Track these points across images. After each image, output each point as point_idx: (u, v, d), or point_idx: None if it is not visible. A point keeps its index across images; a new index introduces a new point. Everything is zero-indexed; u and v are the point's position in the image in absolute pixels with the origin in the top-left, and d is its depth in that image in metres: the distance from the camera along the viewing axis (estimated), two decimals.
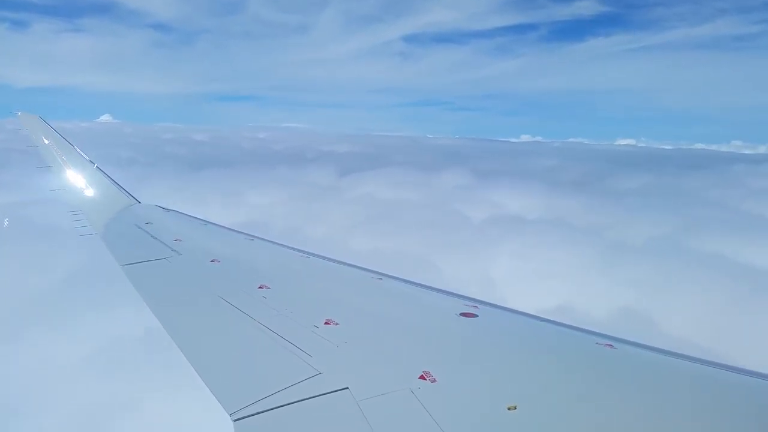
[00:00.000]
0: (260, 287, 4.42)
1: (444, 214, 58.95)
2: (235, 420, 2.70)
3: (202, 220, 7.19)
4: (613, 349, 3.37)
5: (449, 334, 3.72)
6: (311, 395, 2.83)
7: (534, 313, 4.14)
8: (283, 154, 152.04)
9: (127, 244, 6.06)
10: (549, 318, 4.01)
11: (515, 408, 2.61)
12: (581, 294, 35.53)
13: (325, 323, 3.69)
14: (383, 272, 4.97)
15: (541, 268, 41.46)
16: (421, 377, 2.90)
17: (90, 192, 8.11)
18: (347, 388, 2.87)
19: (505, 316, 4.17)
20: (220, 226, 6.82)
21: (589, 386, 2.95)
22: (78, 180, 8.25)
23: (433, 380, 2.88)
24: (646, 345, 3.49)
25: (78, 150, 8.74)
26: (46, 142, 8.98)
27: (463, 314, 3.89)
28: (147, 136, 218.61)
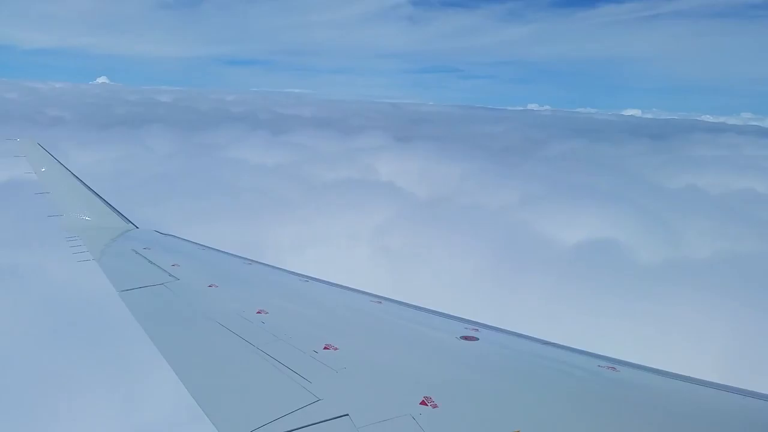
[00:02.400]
0: (258, 312, 4.33)
1: (287, 177, 55.55)
2: None
3: (200, 244, 7.06)
4: (616, 372, 3.29)
5: (450, 358, 3.64)
6: (311, 422, 2.77)
7: (535, 336, 3.95)
8: (226, 117, 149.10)
9: (125, 270, 5.94)
10: (551, 341, 3.86)
11: None
12: (332, 256, 32.92)
13: (325, 348, 3.60)
14: (381, 295, 4.84)
15: (317, 231, 38.41)
16: (423, 403, 2.84)
17: (87, 218, 7.95)
18: (347, 414, 2.82)
19: (507, 339, 4.03)
20: (218, 250, 6.67)
21: (592, 410, 2.87)
22: (75, 206, 8.12)
23: (435, 406, 2.82)
24: (648, 367, 3.36)
25: (76, 175, 8.69)
26: (43, 169, 8.98)
27: (464, 338, 3.80)
28: (110, 98, 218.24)
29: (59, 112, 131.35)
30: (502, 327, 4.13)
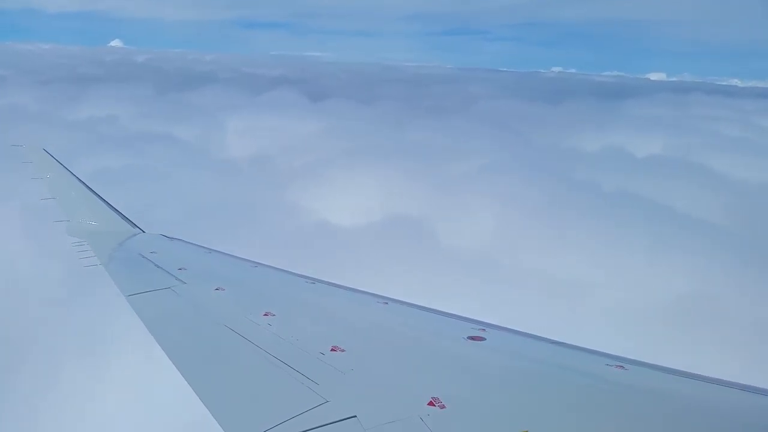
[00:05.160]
0: (265, 315, 4.34)
1: (86, 130, 52.98)
2: None
3: (206, 248, 7.00)
4: (624, 370, 3.29)
5: (457, 359, 3.64)
6: (318, 424, 2.78)
7: (542, 335, 3.92)
8: (176, 75, 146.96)
9: (132, 274, 5.95)
10: (558, 340, 3.81)
11: None
12: None
13: (332, 350, 3.61)
14: (388, 296, 4.81)
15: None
16: (430, 404, 2.83)
17: (94, 223, 7.92)
18: (355, 416, 2.82)
19: (514, 339, 4.01)
20: (225, 253, 6.63)
21: (601, 409, 2.87)
22: (81, 211, 8.11)
23: (443, 406, 2.82)
24: (656, 365, 3.34)
25: (82, 181, 8.69)
26: (48, 175, 9.00)
27: (471, 338, 3.78)
28: (84, 59, 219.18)
29: (3, 72, 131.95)
30: (509, 327, 4.05)
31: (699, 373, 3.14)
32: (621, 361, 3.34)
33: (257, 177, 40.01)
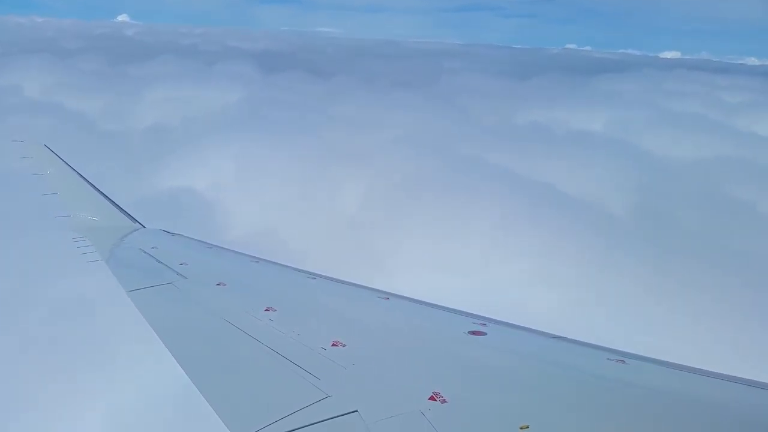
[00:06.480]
0: (266, 310, 4.37)
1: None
2: None
3: (207, 243, 7.13)
4: (625, 365, 3.29)
5: (458, 354, 3.69)
6: (320, 419, 2.81)
7: (543, 330, 3.93)
8: (160, 49, 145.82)
9: (133, 270, 6.02)
10: (558, 334, 3.82)
11: (527, 428, 2.57)
12: None
13: (333, 345, 3.61)
14: (389, 291, 4.82)
15: None
16: (431, 398, 2.85)
17: (95, 218, 7.89)
18: (356, 411, 2.84)
19: (514, 334, 4.06)
20: (226, 249, 6.77)
21: (602, 403, 2.88)
22: (82, 206, 8.04)
23: (444, 401, 2.84)
24: (657, 360, 3.35)
25: (83, 176, 8.57)
26: (49, 171, 8.87)
27: (472, 332, 3.78)
28: (78, 33, 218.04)
29: None
30: (509, 321, 4.05)
31: (701, 368, 3.09)
32: (622, 356, 3.33)
33: (118, 147, 38.89)
